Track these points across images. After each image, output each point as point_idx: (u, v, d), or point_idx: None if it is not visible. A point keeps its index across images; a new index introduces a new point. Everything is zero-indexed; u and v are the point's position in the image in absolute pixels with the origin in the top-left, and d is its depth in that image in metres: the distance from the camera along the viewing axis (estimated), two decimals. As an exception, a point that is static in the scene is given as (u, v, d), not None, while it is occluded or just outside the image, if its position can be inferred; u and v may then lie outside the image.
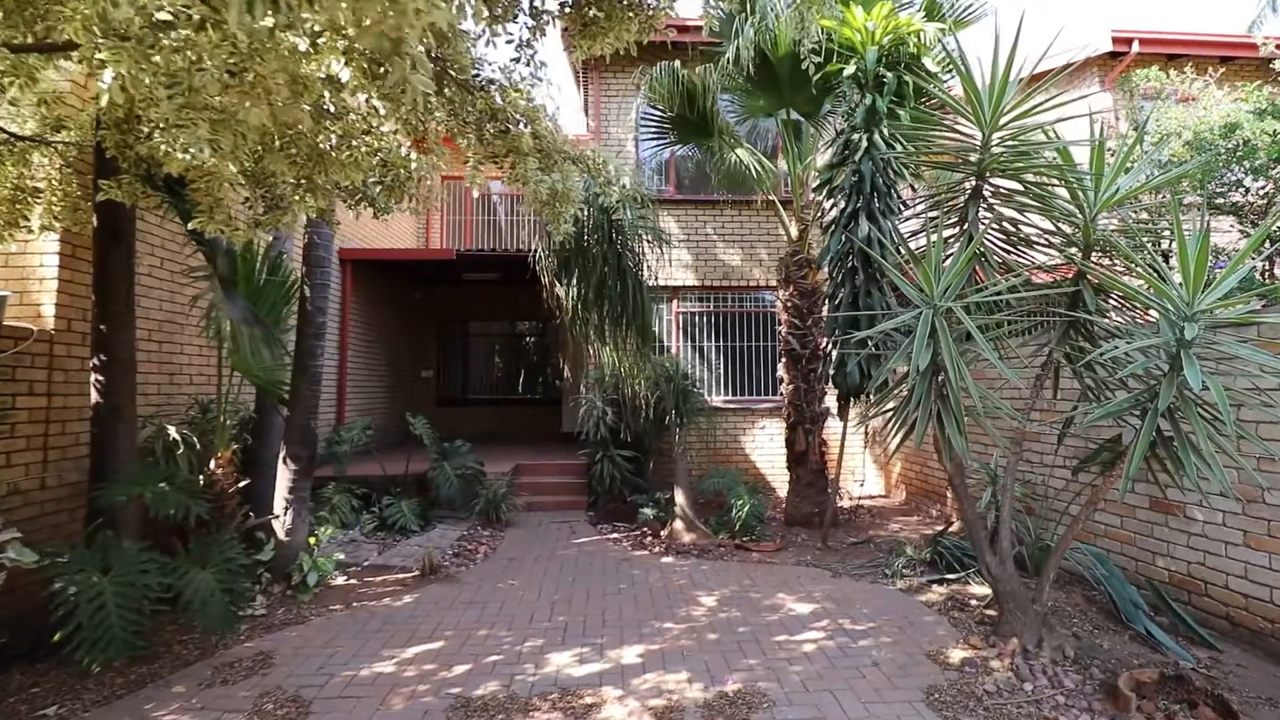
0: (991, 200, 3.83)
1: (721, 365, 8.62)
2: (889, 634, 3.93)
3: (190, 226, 2.72)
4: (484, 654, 3.69)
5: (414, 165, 2.79)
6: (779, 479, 8.33)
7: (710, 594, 4.69)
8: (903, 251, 3.90)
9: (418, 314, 11.84)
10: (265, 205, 3.76)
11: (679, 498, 6.14)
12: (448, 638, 3.93)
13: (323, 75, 2.60)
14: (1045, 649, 3.54)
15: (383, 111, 2.88)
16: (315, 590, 4.66)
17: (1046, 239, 3.72)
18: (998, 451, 5.77)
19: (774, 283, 8.43)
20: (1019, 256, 3.89)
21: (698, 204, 8.66)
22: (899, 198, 5.30)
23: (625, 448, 7.44)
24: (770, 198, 6.91)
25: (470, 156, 2.78)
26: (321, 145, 2.94)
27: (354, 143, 2.97)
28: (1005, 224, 3.81)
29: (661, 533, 6.22)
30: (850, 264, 5.28)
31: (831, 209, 5.55)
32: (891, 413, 3.56)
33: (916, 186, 5.30)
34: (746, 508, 6.09)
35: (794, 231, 6.69)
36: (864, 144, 5.16)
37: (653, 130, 6.77)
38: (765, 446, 8.42)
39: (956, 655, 3.61)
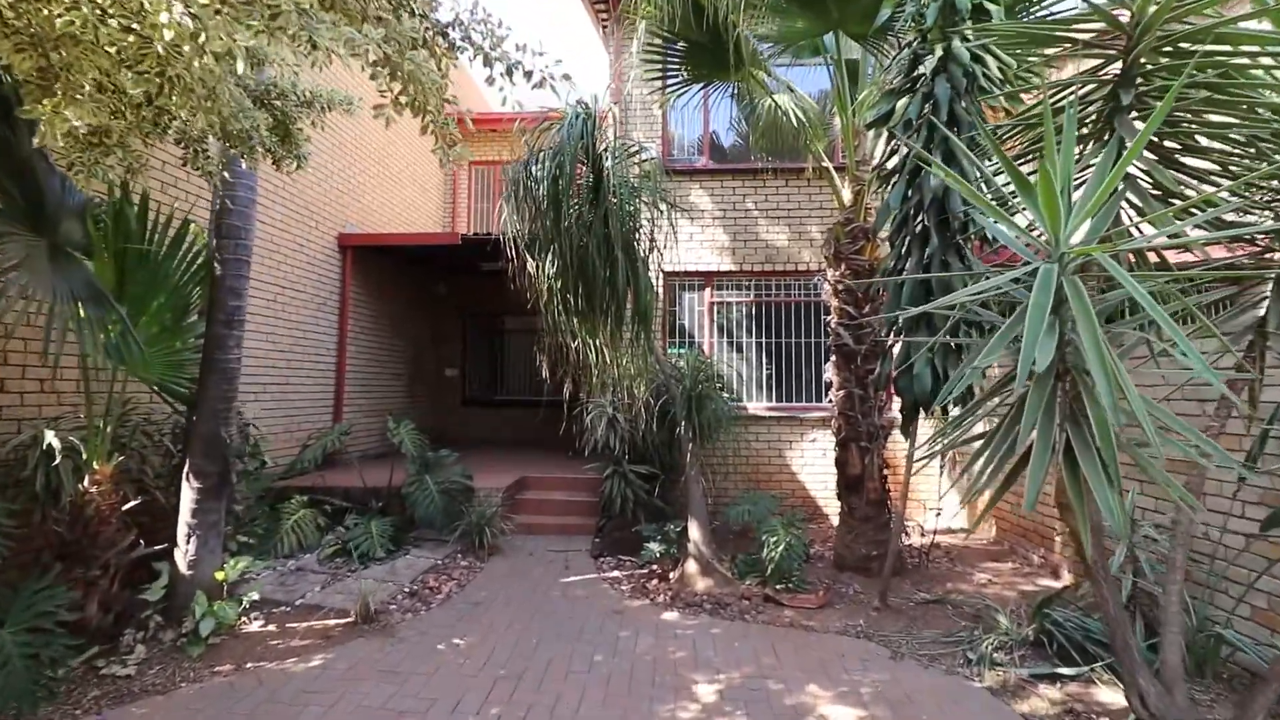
0: (1148, 94, 2.35)
1: (764, 365, 7.23)
2: (973, 782, 2.52)
3: None
4: (357, 773, 2.57)
5: (169, 34, 1.70)
6: (833, 504, 6.83)
7: (713, 679, 3.39)
8: (998, 185, 2.48)
9: (442, 308, 11.05)
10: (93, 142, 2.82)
11: (693, 531, 4.85)
12: (327, 736, 2.84)
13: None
14: None
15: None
16: (210, 641, 3.70)
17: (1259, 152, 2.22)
18: (1135, 487, 4.16)
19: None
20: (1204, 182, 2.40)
21: (736, 174, 7.31)
22: (988, 131, 3.81)
23: (644, 461, 6.22)
24: (824, 164, 5.48)
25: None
26: (57, 22, 1.89)
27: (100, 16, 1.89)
28: (1177, 135, 2.33)
29: (671, 574, 4.95)
30: (919, 224, 3.84)
31: (891, 153, 4.11)
32: (981, 441, 2.16)
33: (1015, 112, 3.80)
34: (781, 546, 4.72)
35: (847, 196, 5.26)
36: (938, 57, 3.72)
37: (660, 66, 5.40)
38: (816, 464, 6.97)
39: (1091, 845, 2.18)
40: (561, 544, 5.97)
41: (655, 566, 5.16)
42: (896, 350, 4.02)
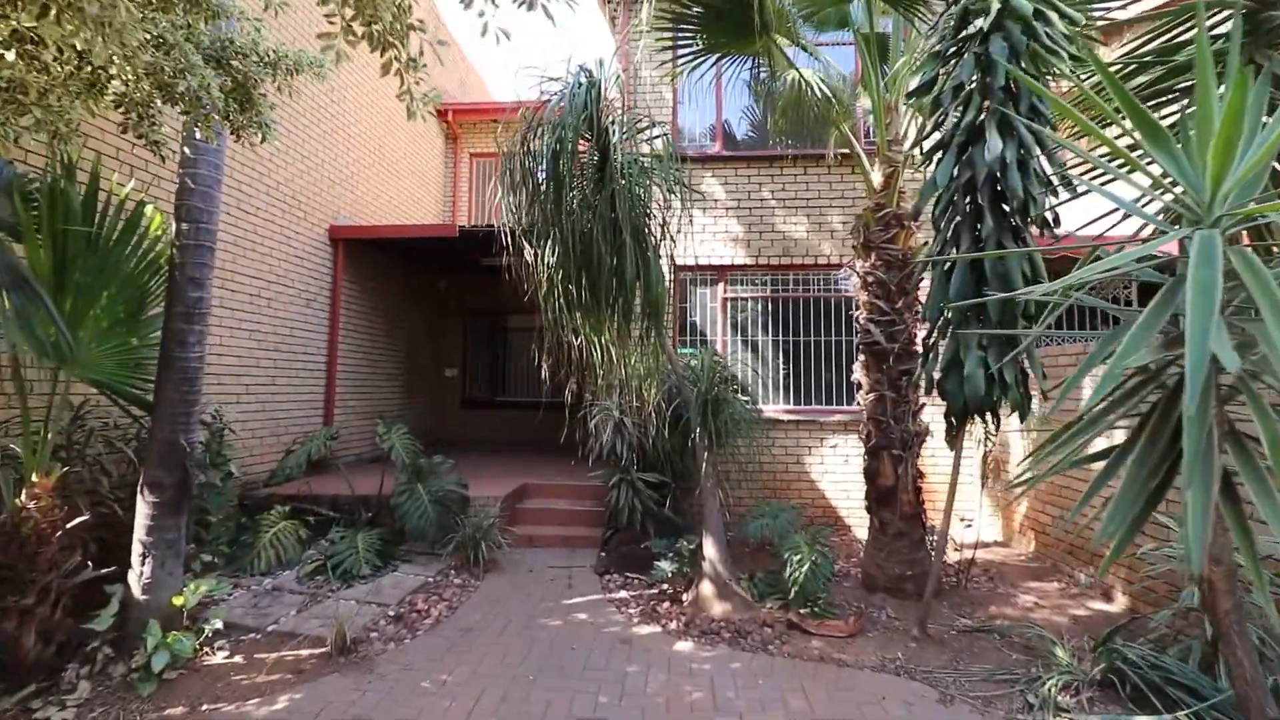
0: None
1: (781, 365, 6.77)
2: None
3: None
4: None
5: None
6: (855, 515, 6.39)
7: (736, 727, 2.94)
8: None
9: (441, 305, 10.64)
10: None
11: (708, 549, 4.39)
12: (282, 805, 2.39)
13: None
14: None
15: None
16: (165, 676, 3.27)
17: None
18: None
19: (849, 259, 6.51)
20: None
21: (750, 161, 6.85)
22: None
23: (654, 469, 5.77)
24: (854, 145, 4.99)
25: None
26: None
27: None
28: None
29: (684, 596, 4.49)
30: (971, 203, 3.37)
31: (936, 126, 3.65)
32: (1090, 464, 1.69)
33: (1081, 75, 3.32)
34: (806, 566, 4.25)
35: (877, 179, 4.78)
36: (994, 11, 3.25)
37: (671, 34, 4.88)
38: (837, 471, 6.50)
39: None
40: (564, 558, 5.52)
41: (666, 586, 4.70)
42: (942, 350, 3.55)
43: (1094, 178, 2.82)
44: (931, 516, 4.99)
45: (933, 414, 5.20)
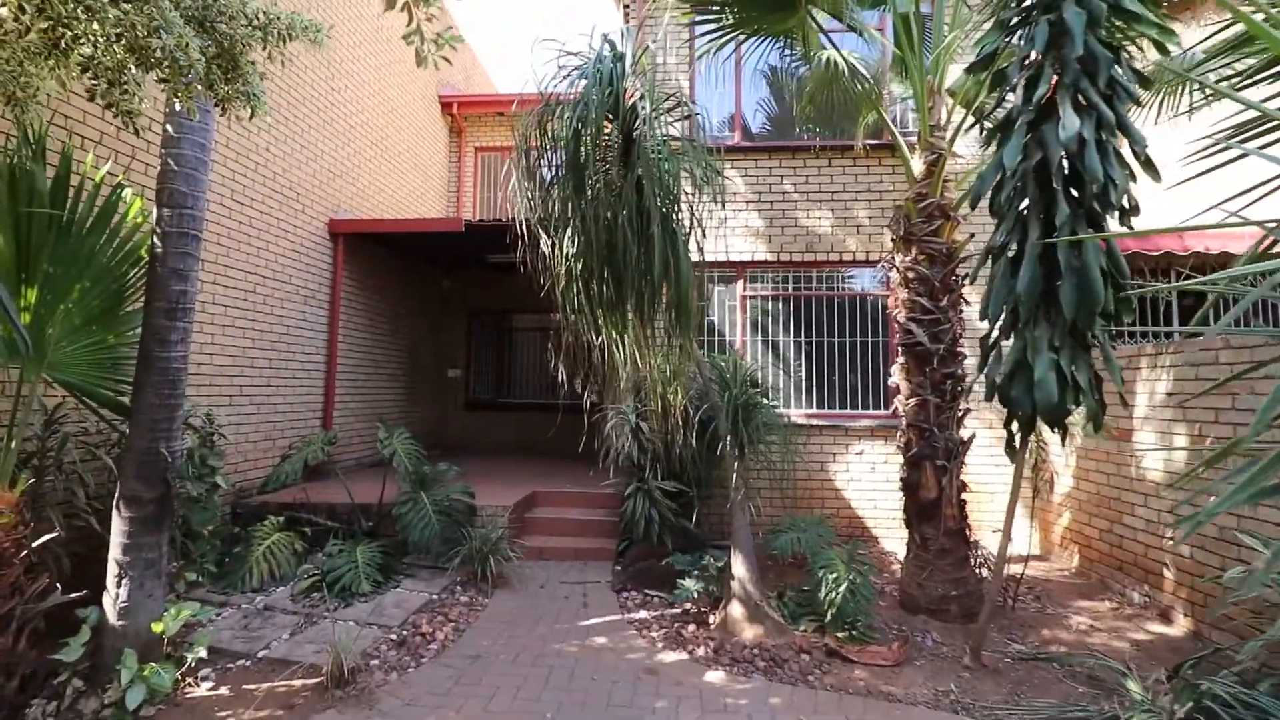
0: None
1: (803, 367, 6.42)
2: None
3: None
4: None
5: None
6: (883, 526, 6.06)
7: (784, 778, 2.59)
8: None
9: (445, 303, 10.31)
10: None
11: (738, 567, 4.05)
12: None
13: None
14: None
15: None
16: (140, 713, 2.93)
17: None
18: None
19: (876, 255, 6.19)
20: None
21: (772, 152, 6.51)
22: (1129, 71, 3.00)
23: (672, 477, 5.42)
24: (895, 134, 4.64)
25: None
26: None
27: None
28: None
29: (711, 617, 4.14)
30: (1040, 188, 3.03)
31: (996, 104, 3.30)
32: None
33: (1171, 47, 2.98)
34: (844, 585, 3.91)
35: (918, 168, 4.44)
36: (1072, -26, 2.91)
37: (693, 10, 4.50)
38: (863, 479, 6.15)
39: None
40: (577, 573, 5.18)
41: (690, 606, 4.35)
42: (1006, 350, 3.20)
43: (1243, 140, 2.47)
44: (979, 533, 4.65)
45: (971, 418, 4.86)
